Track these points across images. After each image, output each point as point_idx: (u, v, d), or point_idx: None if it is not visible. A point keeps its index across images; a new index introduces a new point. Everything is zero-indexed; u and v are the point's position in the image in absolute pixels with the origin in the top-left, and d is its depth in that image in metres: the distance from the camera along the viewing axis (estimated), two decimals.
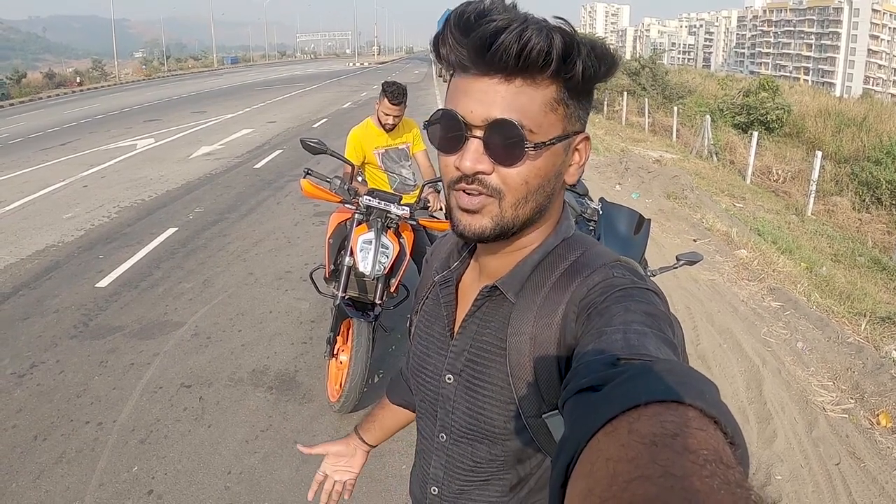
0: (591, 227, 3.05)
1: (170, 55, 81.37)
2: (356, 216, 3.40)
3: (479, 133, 0.74)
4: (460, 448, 0.91)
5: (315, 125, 16.11)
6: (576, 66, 0.71)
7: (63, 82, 40.62)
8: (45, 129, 17.26)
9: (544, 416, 0.78)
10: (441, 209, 3.70)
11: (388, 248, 3.30)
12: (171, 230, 7.03)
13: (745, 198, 13.08)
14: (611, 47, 0.77)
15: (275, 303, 5.00)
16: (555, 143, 0.76)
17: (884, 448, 3.33)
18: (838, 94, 56.52)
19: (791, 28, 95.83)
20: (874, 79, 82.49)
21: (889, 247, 12.01)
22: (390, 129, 3.93)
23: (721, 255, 6.48)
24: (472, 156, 0.74)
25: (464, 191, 0.77)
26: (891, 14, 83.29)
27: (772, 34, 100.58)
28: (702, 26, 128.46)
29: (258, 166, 10.81)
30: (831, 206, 14.96)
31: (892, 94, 59.61)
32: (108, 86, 41.02)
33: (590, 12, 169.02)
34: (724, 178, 15.53)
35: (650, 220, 3.14)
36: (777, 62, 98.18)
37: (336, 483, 1.29)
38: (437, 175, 3.72)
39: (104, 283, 5.49)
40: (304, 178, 3.27)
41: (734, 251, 6.64)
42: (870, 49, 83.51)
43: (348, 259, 3.31)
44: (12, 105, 29.77)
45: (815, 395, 3.83)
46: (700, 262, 3.06)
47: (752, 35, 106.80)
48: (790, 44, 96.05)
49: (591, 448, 0.44)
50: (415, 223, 3.54)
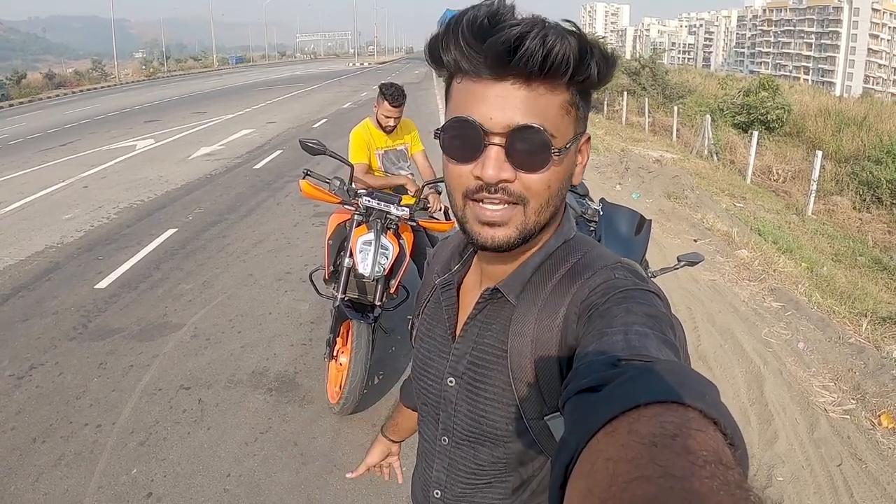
0: (592, 228, 3.03)
1: (170, 55, 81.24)
2: (355, 217, 3.40)
3: (499, 140, 0.73)
4: (462, 451, 0.91)
5: (315, 125, 16.11)
6: (591, 70, 0.72)
7: (63, 83, 40.62)
8: (45, 130, 17.26)
9: (546, 417, 0.78)
10: (441, 210, 3.69)
11: (387, 250, 3.29)
12: (171, 231, 7.02)
13: (746, 197, 13.06)
14: (609, 48, 0.77)
15: (274, 304, 4.99)
16: (570, 147, 0.77)
17: (885, 449, 3.32)
18: (838, 93, 56.50)
19: (791, 27, 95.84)
20: (874, 78, 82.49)
21: (890, 246, 11.99)
22: (390, 131, 3.93)
23: (722, 256, 6.47)
24: (495, 164, 0.73)
25: (484, 201, 0.76)
26: (891, 13, 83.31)
27: (772, 34, 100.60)
28: (702, 26, 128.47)
29: (258, 167, 10.80)
30: (832, 206, 14.93)
31: (893, 94, 59.54)
32: (108, 86, 41.02)
33: (589, 12, 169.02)
34: (725, 177, 15.51)
35: (651, 220, 3.12)
36: (777, 62, 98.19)
37: (384, 463, 1.42)
38: (436, 176, 3.71)
39: (103, 284, 5.48)
40: (304, 178, 3.26)
41: (735, 251, 6.63)
42: (870, 48, 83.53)
43: (348, 260, 3.30)
44: (12, 106, 29.77)
45: (817, 396, 3.82)
46: (701, 263, 3.06)
47: (752, 35, 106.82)
48: (790, 43, 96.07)
49: (591, 448, 0.44)
50: (414, 224, 3.53)
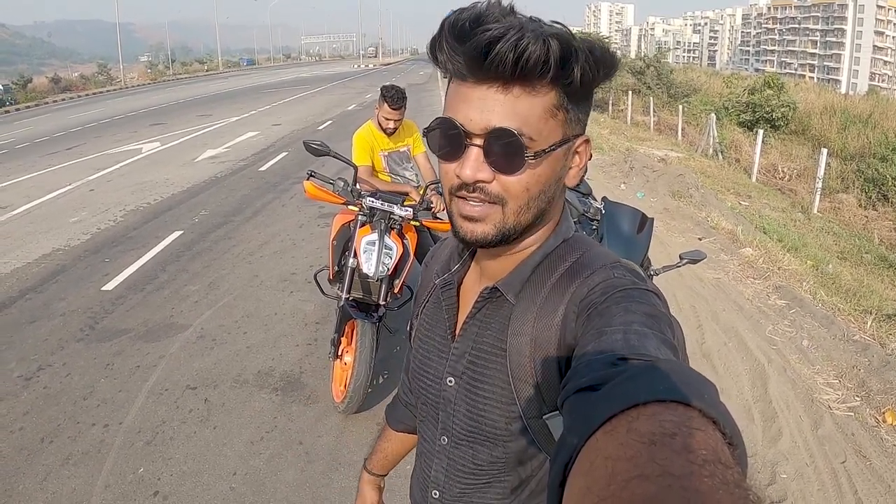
0: (594, 227, 3.05)
1: (175, 59, 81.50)
2: (359, 217, 3.41)
3: (478, 141, 0.73)
4: (461, 451, 0.91)
5: (320, 127, 16.14)
6: (574, 72, 0.71)
7: (68, 87, 40.79)
8: (51, 134, 17.33)
9: (545, 417, 0.78)
10: (444, 210, 3.70)
11: (391, 250, 3.31)
12: (177, 233, 7.06)
13: (751, 196, 13.03)
14: (610, 48, 0.76)
15: (280, 304, 5.01)
16: (555, 150, 0.76)
17: (890, 446, 3.32)
18: (844, 90, 56.25)
19: (796, 25, 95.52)
20: (880, 75, 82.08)
21: None
22: (391, 133, 3.95)
23: (726, 254, 6.46)
24: (473, 164, 0.74)
25: (465, 198, 0.77)
26: (895, 10, 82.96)
27: (777, 31, 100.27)
28: (706, 24, 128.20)
29: (263, 169, 10.83)
30: (837, 204, 14.87)
31: None
32: (114, 90, 41.18)
33: (594, 11, 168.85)
34: (730, 176, 15.47)
35: (653, 219, 3.13)
36: (782, 60, 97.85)
37: None
38: (438, 177, 3.73)
39: (110, 286, 5.52)
40: (308, 179, 3.28)
41: (739, 249, 6.62)
42: (875, 45, 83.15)
43: (352, 260, 3.32)
44: (18, 110, 29.92)
45: (821, 394, 3.81)
46: (705, 261, 3.06)
47: (757, 33, 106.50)
48: (795, 41, 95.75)
49: (590, 447, 0.44)
50: (418, 224, 3.54)
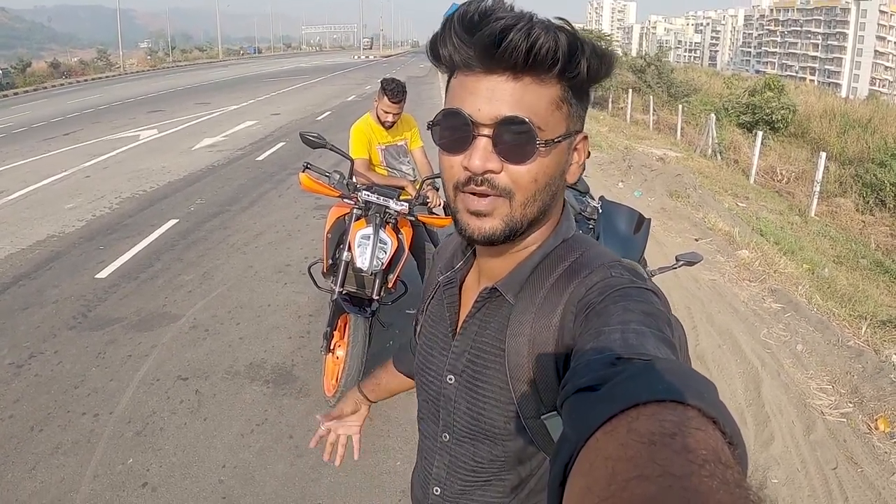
0: (591, 226, 3.03)
1: (175, 46, 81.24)
2: (355, 211, 3.39)
3: (487, 132, 0.74)
4: (463, 448, 0.92)
5: (319, 118, 16.09)
6: (580, 66, 0.72)
7: (68, 72, 40.60)
8: (49, 119, 17.25)
9: (542, 417, 0.79)
10: (440, 205, 3.68)
11: (386, 244, 3.29)
12: (172, 222, 7.03)
13: (749, 197, 13.03)
14: (609, 47, 0.78)
15: (274, 296, 4.99)
16: (561, 141, 0.77)
17: (881, 453, 3.32)
18: (844, 94, 56.36)
19: (798, 28, 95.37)
20: (880, 80, 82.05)
21: (892, 249, 11.97)
22: (389, 127, 3.92)
23: (722, 255, 6.46)
24: (482, 154, 0.74)
25: (472, 193, 0.76)
26: None
27: (778, 33, 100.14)
28: (708, 24, 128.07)
29: (260, 158, 10.79)
30: (835, 208, 14.91)
31: None
32: (113, 76, 40.98)
33: (596, 9, 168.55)
34: (728, 177, 15.48)
35: (650, 219, 3.12)
36: (783, 62, 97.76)
37: (340, 436, 1.33)
38: (434, 172, 3.71)
39: (104, 274, 5.49)
40: (303, 171, 3.26)
41: (736, 251, 6.61)
42: (876, 50, 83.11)
43: (346, 254, 3.30)
44: (17, 94, 29.76)
45: (814, 399, 3.81)
46: (701, 262, 3.05)
47: (759, 34, 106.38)
48: (797, 43, 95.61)
49: (590, 447, 0.44)
50: (413, 219, 3.52)
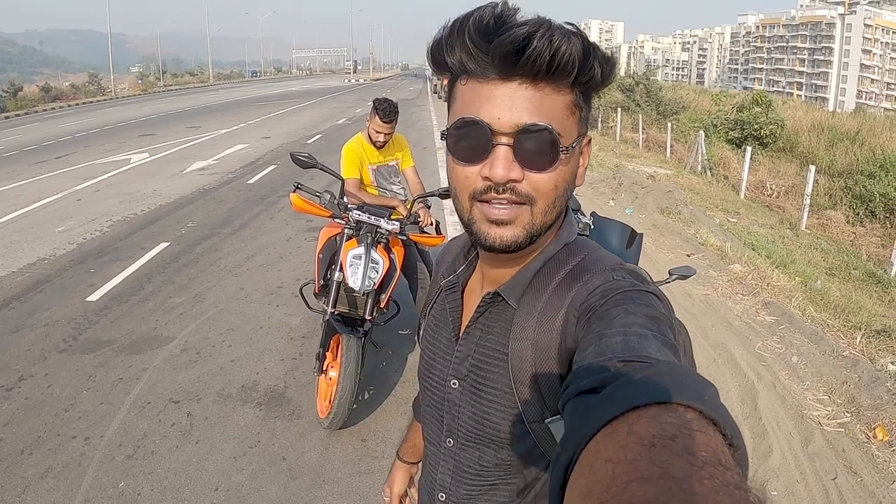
0: None
1: (166, 70, 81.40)
2: (346, 231, 3.38)
3: (506, 140, 0.73)
4: (468, 453, 0.91)
5: (309, 140, 16.15)
6: (594, 71, 0.73)
7: (59, 96, 40.65)
8: (40, 143, 17.25)
9: (546, 421, 0.78)
10: (432, 224, 3.68)
11: (377, 264, 3.28)
12: (164, 245, 7.00)
13: (739, 212, 13.11)
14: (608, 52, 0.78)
15: (265, 318, 4.96)
16: (576, 146, 0.77)
17: (880, 462, 3.30)
18: (831, 108, 57.09)
19: (784, 44, 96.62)
20: (867, 93, 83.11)
21: (884, 259, 12.02)
22: (381, 147, 3.93)
23: (715, 270, 6.47)
24: (503, 163, 0.73)
25: (491, 201, 0.75)
26: (883, 28, 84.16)
27: (765, 50, 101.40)
28: (695, 42, 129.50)
29: (252, 181, 10.80)
30: (825, 220, 15.00)
31: (885, 108, 59.95)
32: (104, 100, 41.10)
33: (584, 28, 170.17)
34: (718, 193, 15.60)
35: (642, 234, 3.12)
36: (770, 77, 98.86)
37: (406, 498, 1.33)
38: (426, 191, 3.71)
39: (95, 297, 5.45)
40: (294, 192, 3.25)
41: (728, 266, 6.63)
42: (862, 63, 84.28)
43: (338, 274, 3.28)
44: (8, 118, 29.83)
45: (811, 410, 3.80)
46: (694, 277, 3.05)
47: (746, 51, 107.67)
48: (783, 59, 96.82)
49: (591, 449, 0.44)
50: (405, 238, 3.52)
